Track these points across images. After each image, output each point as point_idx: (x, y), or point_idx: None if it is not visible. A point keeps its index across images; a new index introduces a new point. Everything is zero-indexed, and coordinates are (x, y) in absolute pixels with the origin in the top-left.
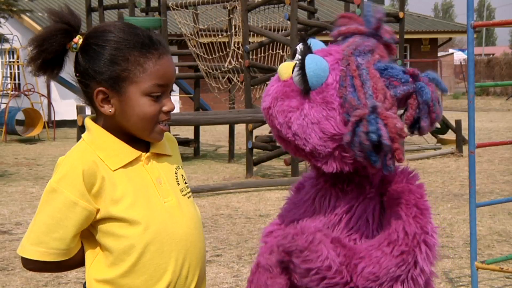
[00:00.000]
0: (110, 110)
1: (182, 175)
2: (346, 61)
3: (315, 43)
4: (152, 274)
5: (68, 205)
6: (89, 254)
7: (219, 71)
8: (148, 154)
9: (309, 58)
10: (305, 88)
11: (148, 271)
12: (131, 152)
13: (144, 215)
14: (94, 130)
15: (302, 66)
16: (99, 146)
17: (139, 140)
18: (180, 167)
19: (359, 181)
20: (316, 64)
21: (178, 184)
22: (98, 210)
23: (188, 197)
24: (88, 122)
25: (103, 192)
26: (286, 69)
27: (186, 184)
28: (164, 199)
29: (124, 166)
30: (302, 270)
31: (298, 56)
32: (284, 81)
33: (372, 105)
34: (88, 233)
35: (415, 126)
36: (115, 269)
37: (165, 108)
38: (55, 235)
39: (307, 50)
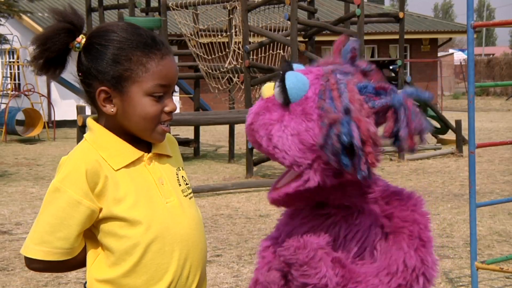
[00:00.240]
0: (112, 110)
1: (182, 176)
2: (326, 77)
3: (297, 66)
4: (153, 274)
5: (72, 204)
6: (91, 254)
7: (219, 71)
8: (150, 154)
9: (289, 73)
10: (285, 99)
11: (150, 271)
12: (134, 152)
13: (146, 215)
14: (96, 130)
15: (282, 79)
16: (102, 145)
17: (141, 140)
18: (181, 168)
19: (368, 210)
20: (296, 78)
21: (180, 185)
22: (100, 209)
23: (189, 198)
24: (90, 122)
25: (106, 192)
26: (268, 88)
27: (187, 185)
28: (166, 200)
29: (127, 166)
30: (299, 284)
31: (279, 74)
32: (266, 99)
33: (345, 108)
34: (90, 233)
35: (396, 141)
36: (116, 269)
37: (167, 109)
38: (59, 235)
39: (288, 67)
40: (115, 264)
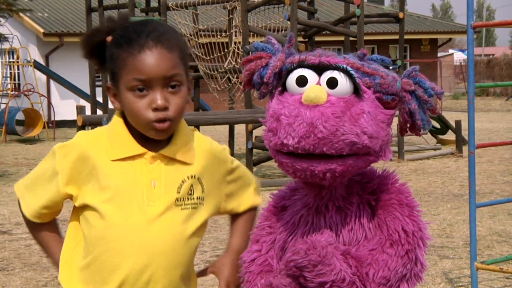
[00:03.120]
0: (117, 105)
1: (192, 185)
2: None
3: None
4: (109, 272)
5: (52, 172)
6: (70, 239)
7: (217, 71)
8: (154, 154)
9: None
10: (361, 90)
11: (106, 268)
12: (134, 148)
13: (115, 212)
14: (114, 119)
15: (349, 73)
16: (110, 134)
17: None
18: (198, 178)
19: (358, 192)
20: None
21: (178, 192)
22: (70, 196)
23: (182, 209)
24: (117, 112)
25: (90, 181)
26: (321, 92)
27: (191, 196)
28: (149, 202)
29: (123, 159)
30: (315, 284)
31: (330, 73)
32: (325, 104)
33: (410, 71)
34: (75, 222)
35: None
36: (83, 260)
37: (152, 105)
38: (34, 189)
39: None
40: (84, 256)
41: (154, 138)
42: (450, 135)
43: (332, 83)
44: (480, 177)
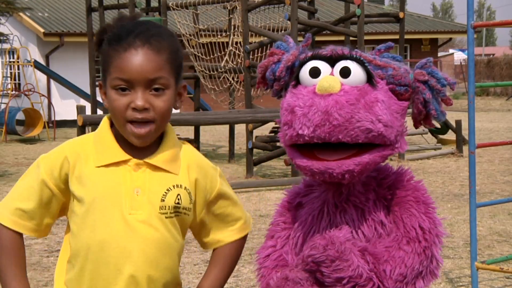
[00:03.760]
0: (105, 104)
1: (179, 194)
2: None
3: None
4: (97, 284)
5: (39, 182)
6: (64, 254)
7: (215, 71)
8: (138, 161)
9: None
10: (374, 79)
11: (94, 278)
12: (118, 154)
13: (97, 221)
14: (102, 123)
15: (362, 62)
16: (97, 139)
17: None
18: (185, 188)
19: (374, 188)
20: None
21: (162, 200)
22: (66, 200)
23: (166, 217)
24: (107, 115)
25: (72, 188)
26: (334, 81)
27: (179, 205)
28: (131, 211)
29: (107, 166)
30: (332, 279)
31: (343, 62)
32: (339, 93)
33: (423, 62)
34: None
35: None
36: (69, 273)
37: (131, 104)
38: (21, 202)
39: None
40: (70, 268)
41: (136, 145)
42: (450, 135)
43: (345, 72)
44: (481, 177)
